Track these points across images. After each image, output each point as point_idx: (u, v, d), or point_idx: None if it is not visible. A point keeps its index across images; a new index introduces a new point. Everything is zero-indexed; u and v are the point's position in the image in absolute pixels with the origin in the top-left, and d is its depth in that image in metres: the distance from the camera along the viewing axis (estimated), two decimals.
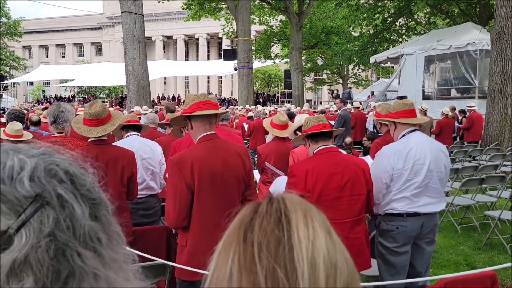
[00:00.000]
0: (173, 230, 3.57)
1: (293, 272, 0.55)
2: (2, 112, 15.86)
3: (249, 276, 0.55)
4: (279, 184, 3.33)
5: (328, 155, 3.01)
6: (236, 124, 11.51)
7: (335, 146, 3.15)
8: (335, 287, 0.56)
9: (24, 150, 0.65)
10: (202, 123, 2.76)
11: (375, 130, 10.66)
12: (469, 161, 9.68)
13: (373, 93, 21.15)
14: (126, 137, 4.40)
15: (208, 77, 53.04)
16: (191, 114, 2.72)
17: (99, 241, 0.62)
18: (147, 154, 4.24)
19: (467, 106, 12.24)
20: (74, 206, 0.61)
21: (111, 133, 4.81)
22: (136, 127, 4.51)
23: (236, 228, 0.61)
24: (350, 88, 29.46)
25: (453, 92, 17.38)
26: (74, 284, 0.59)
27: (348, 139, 9.02)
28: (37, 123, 6.50)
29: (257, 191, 4.46)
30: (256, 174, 4.50)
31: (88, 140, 3.41)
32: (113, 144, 3.91)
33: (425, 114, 10.94)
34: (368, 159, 4.27)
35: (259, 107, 18.52)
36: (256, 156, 10.20)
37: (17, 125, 4.78)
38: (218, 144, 2.77)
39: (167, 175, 4.10)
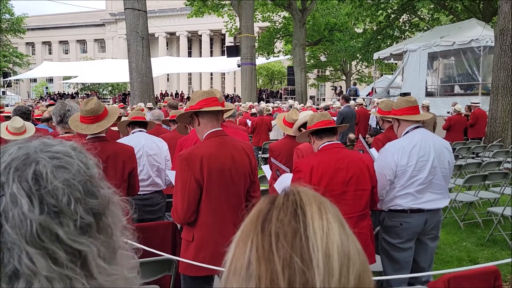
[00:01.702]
0: (179, 226, 3.59)
1: (309, 262, 0.58)
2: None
3: (267, 264, 0.58)
4: (284, 181, 3.35)
5: (333, 151, 3.04)
6: (240, 120, 11.53)
7: (339, 142, 3.18)
8: (348, 277, 0.58)
9: (24, 142, 0.71)
10: (210, 119, 2.77)
11: (377, 127, 10.67)
12: (473, 158, 9.68)
13: (374, 90, 21.08)
14: (132, 133, 4.42)
15: (211, 74, 52.98)
16: (200, 110, 2.73)
17: (51, 241, 0.63)
18: (153, 151, 4.26)
19: (472, 103, 12.22)
20: (24, 206, 0.63)
21: (117, 129, 4.86)
22: (142, 124, 4.53)
23: (253, 220, 0.64)
24: (355, 83, 29.36)
25: (457, 89, 17.33)
26: (22, 284, 0.60)
27: (352, 135, 9.03)
28: (47, 120, 6.48)
29: (265, 187, 4.50)
30: (267, 170, 4.54)
31: (86, 138, 3.37)
32: (116, 141, 3.93)
33: (427, 110, 10.94)
34: (374, 151, 4.29)
35: (262, 103, 18.54)
36: (259, 152, 10.30)
37: (18, 122, 4.67)
38: (226, 140, 2.79)
39: (167, 171, 4.15)
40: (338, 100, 14.70)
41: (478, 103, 12.32)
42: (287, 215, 0.61)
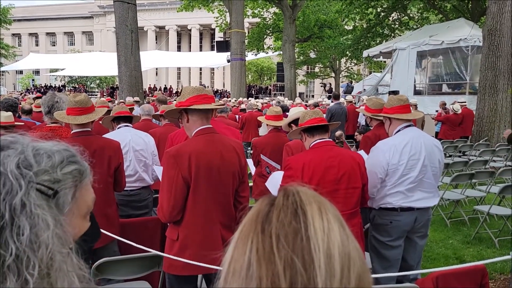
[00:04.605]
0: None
1: (310, 262, 0.57)
2: None
3: (267, 266, 0.57)
4: (276, 179, 3.34)
5: (325, 149, 3.03)
6: (229, 116, 11.48)
7: (331, 140, 3.18)
8: (349, 277, 0.58)
9: None
10: (199, 117, 2.71)
11: (366, 125, 10.71)
12: (459, 156, 9.79)
13: (364, 89, 21.17)
14: (118, 128, 4.36)
15: (201, 69, 52.72)
16: (189, 107, 2.68)
17: None
18: (140, 146, 4.22)
19: (458, 102, 12.37)
20: None
21: (104, 124, 4.80)
22: (127, 119, 4.46)
23: (253, 220, 0.63)
24: (352, 81, 29.58)
25: (444, 88, 17.51)
26: None
27: (338, 132, 9.03)
28: (28, 112, 6.43)
29: (251, 184, 4.48)
30: (251, 165, 4.51)
31: (72, 131, 3.32)
32: (103, 136, 3.87)
33: (415, 108, 11.03)
34: (362, 153, 4.30)
35: (252, 99, 18.52)
36: (248, 148, 10.31)
37: (5, 113, 4.69)
38: (215, 138, 2.73)
39: (154, 166, 4.11)
40: (329, 98, 14.75)
41: (465, 102, 12.48)
42: (288, 216, 0.61)
